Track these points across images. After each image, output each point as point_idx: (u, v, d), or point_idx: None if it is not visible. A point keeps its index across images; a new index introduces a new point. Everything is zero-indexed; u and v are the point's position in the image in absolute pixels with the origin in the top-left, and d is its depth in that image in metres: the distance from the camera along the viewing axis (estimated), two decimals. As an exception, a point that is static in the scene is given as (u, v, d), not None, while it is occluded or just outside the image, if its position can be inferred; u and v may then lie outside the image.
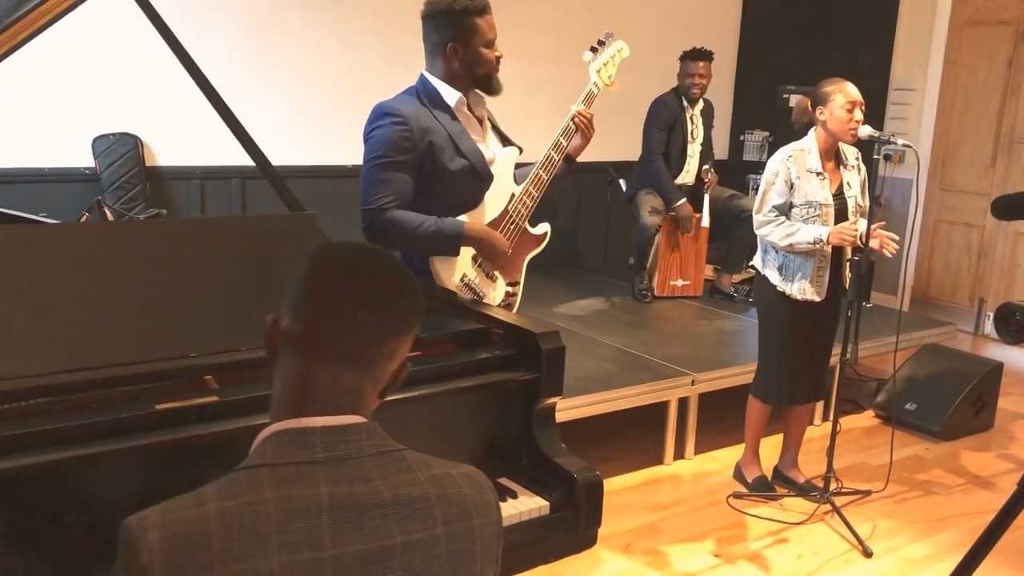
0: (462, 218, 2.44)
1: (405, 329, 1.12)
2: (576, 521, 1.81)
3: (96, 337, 1.61)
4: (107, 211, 2.60)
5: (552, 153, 2.56)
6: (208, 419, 1.52)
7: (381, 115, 2.40)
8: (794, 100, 3.50)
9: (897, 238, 3.27)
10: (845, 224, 3.25)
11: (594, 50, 2.70)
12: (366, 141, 2.43)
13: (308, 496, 1.02)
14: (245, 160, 2.35)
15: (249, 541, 0.98)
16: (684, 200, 5.16)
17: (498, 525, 1.15)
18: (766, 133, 6.31)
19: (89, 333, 1.61)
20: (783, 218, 3.29)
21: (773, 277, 3.37)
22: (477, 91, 2.52)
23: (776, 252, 3.36)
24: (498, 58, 2.48)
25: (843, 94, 3.22)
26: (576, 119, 2.59)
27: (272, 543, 0.98)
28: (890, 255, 3.29)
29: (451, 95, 2.45)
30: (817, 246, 3.23)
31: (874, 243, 3.24)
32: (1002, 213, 1.76)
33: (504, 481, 1.85)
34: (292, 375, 1.10)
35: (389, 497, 1.06)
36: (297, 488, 1.02)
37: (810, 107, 3.33)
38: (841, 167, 3.37)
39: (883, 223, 3.34)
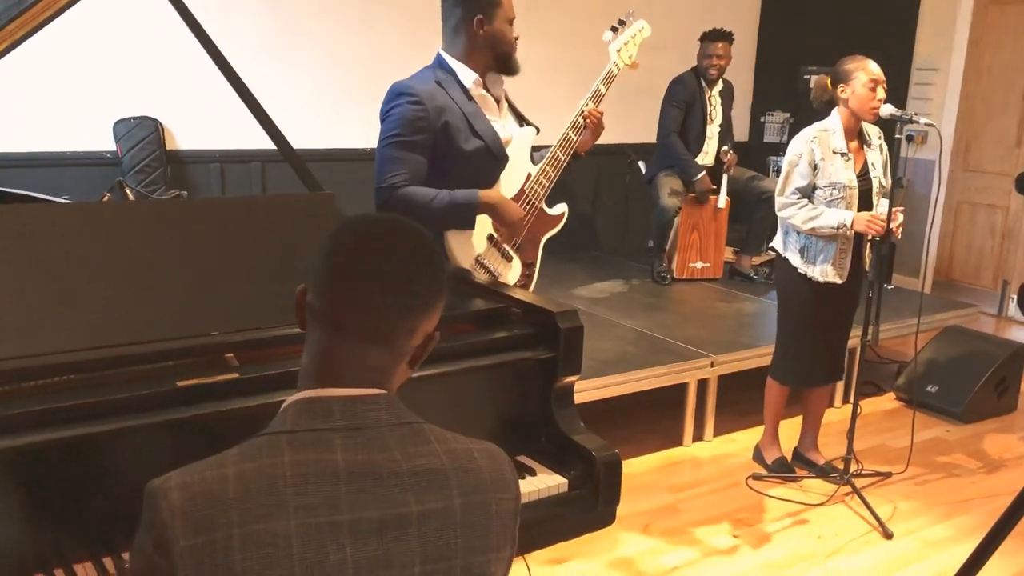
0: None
1: (426, 306, 1.12)
2: (595, 499, 1.81)
3: (118, 315, 1.62)
4: (128, 192, 2.62)
5: (570, 133, 2.56)
6: (229, 396, 1.54)
7: (397, 95, 2.41)
8: (814, 80, 3.45)
9: (901, 220, 3.22)
10: (872, 213, 3.21)
11: (614, 30, 2.69)
12: (382, 120, 2.44)
13: (325, 461, 1.03)
14: (265, 143, 2.36)
15: (267, 502, 0.99)
16: (703, 173, 5.13)
17: (516, 502, 1.15)
18: (787, 114, 6.26)
19: (112, 312, 1.62)
20: (806, 201, 3.27)
21: (794, 259, 3.35)
22: (494, 72, 2.52)
23: (798, 234, 3.34)
24: (515, 39, 2.48)
25: (865, 72, 3.18)
26: (586, 118, 2.59)
27: (289, 505, 1.00)
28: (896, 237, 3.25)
29: (467, 75, 2.45)
30: (840, 231, 3.20)
31: (893, 225, 3.21)
32: (1026, 188, 1.74)
33: (523, 459, 1.86)
34: (316, 347, 1.11)
35: (406, 467, 1.07)
36: (315, 453, 1.04)
37: (830, 85, 3.29)
38: (865, 147, 3.34)
39: (902, 208, 3.30)
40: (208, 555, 0.97)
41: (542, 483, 1.78)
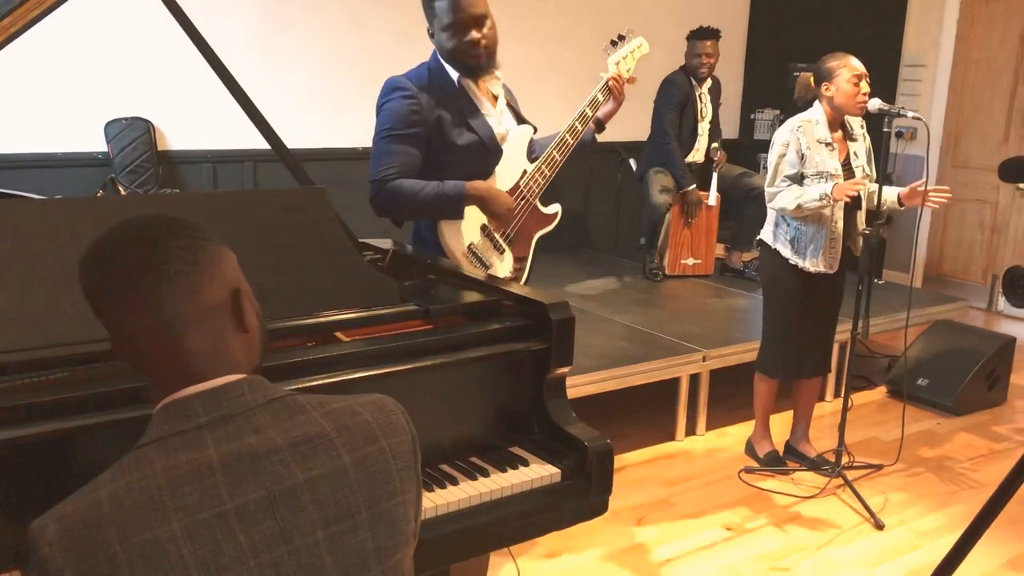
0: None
1: (192, 268, 1.10)
2: (587, 488, 1.82)
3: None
4: (121, 189, 2.62)
5: (567, 136, 2.59)
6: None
7: (392, 89, 2.44)
8: (797, 79, 3.49)
9: (947, 188, 3.27)
10: (848, 182, 3.24)
11: (614, 44, 2.75)
12: (377, 115, 2.47)
13: (197, 459, 1.03)
14: (257, 143, 2.37)
15: (144, 513, 0.99)
16: (694, 186, 5.16)
17: (412, 443, 1.17)
18: (777, 111, 6.29)
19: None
20: (793, 184, 3.29)
21: (784, 250, 3.38)
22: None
23: (788, 225, 3.36)
24: (473, 42, 2.40)
25: (847, 68, 3.21)
26: (610, 81, 2.62)
27: (168, 509, 0.99)
28: (942, 203, 3.28)
29: (454, 73, 2.48)
30: (824, 201, 3.21)
31: (930, 203, 3.23)
32: (1007, 175, 1.77)
33: (516, 450, 1.87)
34: (148, 361, 1.10)
35: (283, 441, 1.07)
36: (184, 454, 1.03)
37: (814, 84, 3.32)
38: (848, 138, 3.36)
39: (924, 180, 3.32)
40: None
41: (535, 473, 1.79)
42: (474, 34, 2.40)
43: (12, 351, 1.49)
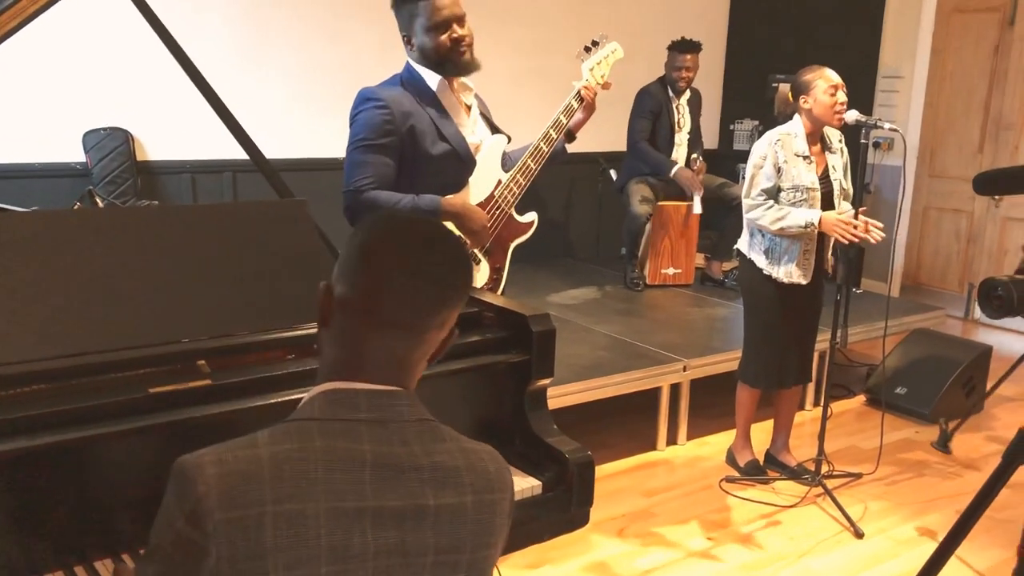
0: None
1: (457, 298, 1.16)
2: (568, 500, 1.83)
3: (90, 323, 1.62)
4: (99, 201, 2.60)
5: (542, 144, 2.59)
6: (201, 402, 1.54)
7: (364, 100, 2.45)
8: (776, 93, 3.51)
9: (881, 225, 3.27)
10: (843, 216, 3.24)
11: (588, 49, 2.75)
12: (350, 126, 2.48)
13: (353, 449, 1.07)
14: (236, 153, 2.36)
15: (299, 484, 1.03)
16: (679, 165, 5.17)
17: (512, 502, 1.20)
18: (756, 122, 6.34)
19: (83, 319, 1.62)
20: (772, 202, 3.31)
21: (759, 261, 3.39)
22: (462, 78, 2.55)
23: (763, 236, 3.38)
24: (457, 39, 2.43)
25: (824, 79, 3.24)
26: (583, 90, 2.61)
27: (320, 488, 1.03)
28: (874, 242, 3.28)
29: (433, 79, 2.49)
30: (808, 230, 3.25)
31: (871, 236, 3.26)
32: (982, 188, 1.79)
33: (497, 462, 1.87)
34: (345, 340, 1.14)
35: (426, 462, 1.11)
36: (343, 441, 1.07)
37: (791, 97, 3.35)
38: (826, 151, 3.39)
39: (865, 208, 3.35)
40: (242, 530, 1.00)
41: (516, 486, 1.77)
42: (459, 30, 2.44)
43: (15, 363, 1.48)
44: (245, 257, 1.81)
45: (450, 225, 2.47)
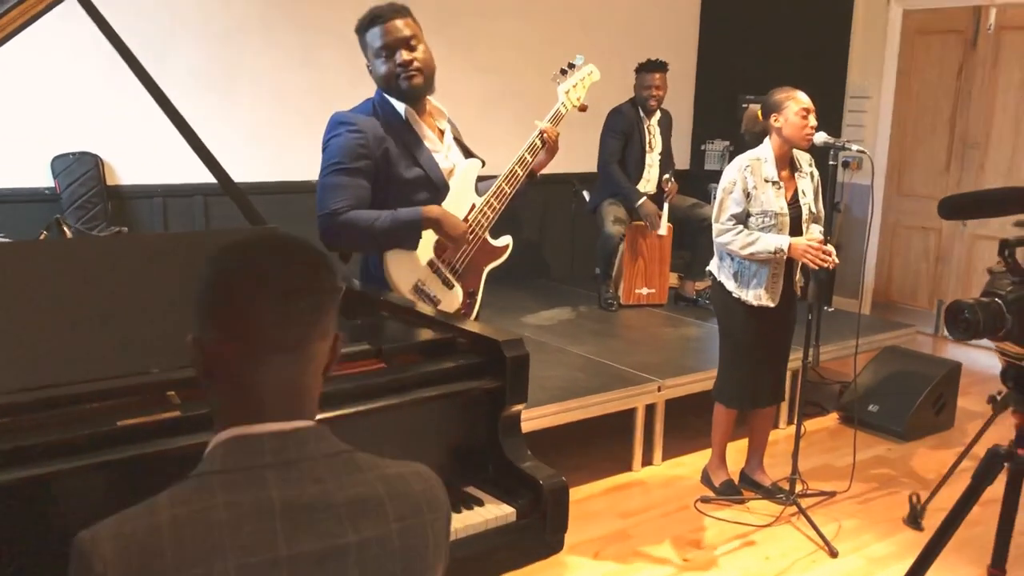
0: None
1: (330, 301, 1.11)
2: (542, 527, 1.82)
3: (57, 355, 1.60)
4: (67, 229, 2.58)
5: (517, 168, 2.59)
6: (171, 434, 1.52)
7: (337, 124, 2.45)
8: (745, 112, 3.55)
9: (831, 250, 3.29)
10: (811, 242, 3.28)
11: (564, 72, 2.76)
12: (323, 151, 2.47)
13: (259, 499, 1.02)
14: (207, 177, 2.35)
15: (203, 546, 0.98)
16: (645, 198, 5.21)
17: (448, 519, 1.17)
18: (727, 142, 6.39)
19: (50, 351, 1.60)
20: (741, 227, 3.34)
21: (729, 284, 3.42)
22: (435, 102, 2.56)
23: (732, 259, 3.41)
24: (402, 64, 2.43)
25: (795, 101, 3.29)
26: (544, 135, 2.61)
27: (226, 546, 0.99)
28: (828, 268, 3.31)
29: (400, 105, 2.50)
30: (778, 255, 3.28)
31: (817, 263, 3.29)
32: (948, 213, 1.82)
33: (470, 489, 1.86)
34: (234, 384, 1.09)
35: (341, 498, 1.06)
36: (248, 492, 1.02)
37: (761, 117, 3.39)
38: (796, 174, 3.43)
39: (832, 237, 3.39)
40: None
41: (489, 513, 1.78)
42: (404, 55, 2.43)
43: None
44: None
45: (426, 243, 2.48)
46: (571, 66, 2.76)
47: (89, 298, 1.68)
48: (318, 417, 1.62)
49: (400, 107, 2.49)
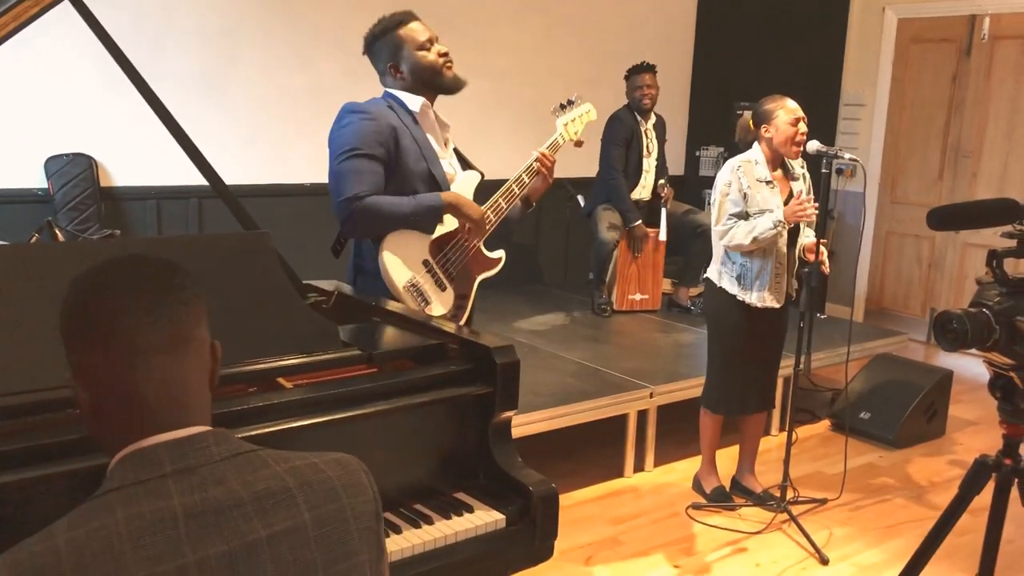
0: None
1: (189, 292, 1.11)
2: (532, 534, 1.82)
3: (47, 357, 1.59)
4: (58, 232, 2.57)
5: (514, 186, 2.64)
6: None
7: (349, 112, 2.48)
8: (737, 122, 3.56)
9: (810, 199, 3.31)
10: (794, 202, 3.29)
11: (563, 107, 2.82)
12: (333, 140, 2.48)
13: (160, 508, 1.01)
14: (201, 180, 2.35)
15: (103, 563, 0.96)
16: (639, 222, 5.24)
17: (374, 503, 1.15)
18: (721, 148, 6.41)
19: (40, 354, 1.59)
20: (741, 221, 3.34)
21: (731, 287, 3.42)
22: (441, 116, 2.58)
23: (734, 263, 3.41)
24: (443, 55, 2.53)
25: (785, 110, 3.30)
26: (539, 160, 2.65)
27: (128, 560, 0.97)
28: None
29: (414, 101, 2.53)
30: (778, 228, 3.26)
31: (812, 256, 3.32)
32: (936, 224, 1.83)
33: (461, 496, 1.86)
34: (121, 402, 1.07)
35: (247, 495, 1.05)
36: (148, 504, 1.01)
37: (752, 126, 3.40)
38: (789, 177, 3.44)
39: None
40: None
41: (479, 520, 1.78)
42: (442, 47, 2.53)
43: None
44: (206, 289, 1.80)
45: (417, 244, 2.49)
46: (570, 103, 2.83)
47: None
48: (311, 420, 1.66)
49: (415, 103, 2.52)
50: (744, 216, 3.34)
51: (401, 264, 2.47)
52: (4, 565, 0.95)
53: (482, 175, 2.68)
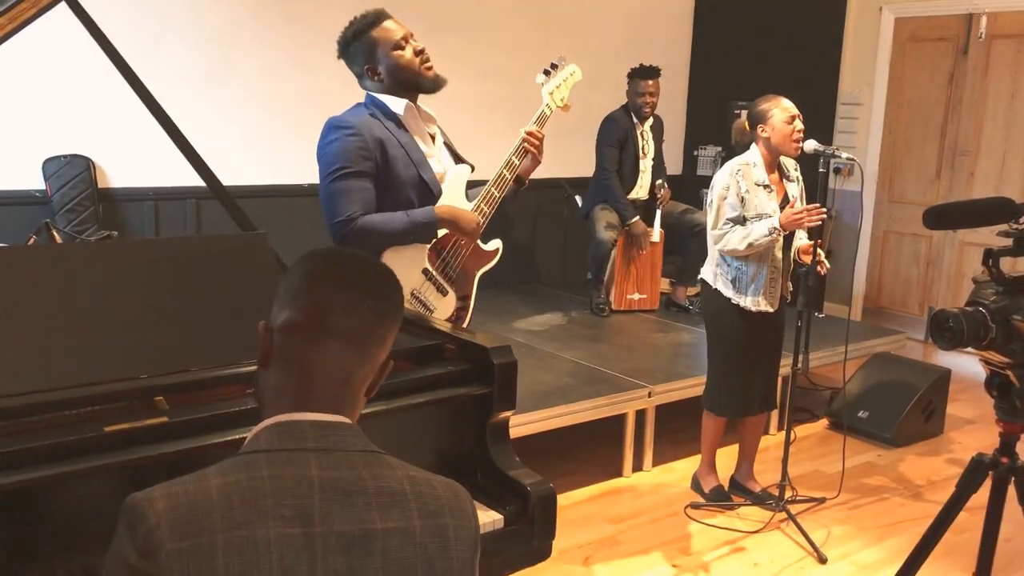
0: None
1: (395, 314, 1.23)
2: (530, 534, 1.82)
3: (45, 359, 1.60)
4: (55, 234, 2.57)
5: (504, 172, 2.60)
6: (158, 440, 1.52)
7: (333, 128, 2.44)
8: (733, 124, 3.57)
9: (817, 206, 3.28)
10: (789, 209, 3.28)
11: (547, 73, 2.75)
12: (321, 157, 2.46)
13: (301, 476, 1.09)
14: (199, 180, 2.35)
15: (248, 510, 1.05)
16: (637, 218, 5.23)
17: (474, 531, 1.20)
18: (719, 148, 6.42)
19: (38, 355, 1.60)
20: (737, 226, 3.34)
21: (726, 291, 3.42)
22: (424, 108, 2.56)
23: (729, 266, 3.41)
24: (418, 52, 2.49)
25: (780, 109, 3.30)
26: (526, 140, 2.61)
27: (269, 514, 1.05)
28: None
29: (397, 104, 2.50)
30: (773, 235, 3.26)
31: (807, 257, 3.33)
32: (932, 223, 1.83)
33: (458, 496, 1.86)
34: (291, 366, 1.17)
35: (372, 487, 1.13)
36: (291, 469, 1.10)
37: (748, 127, 3.40)
38: (784, 179, 3.44)
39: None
40: (193, 559, 1.02)
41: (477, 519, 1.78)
42: (418, 45, 2.49)
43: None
44: (204, 292, 1.80)
45: (418, 254, 2.48)
46: (553, 66, 2.76)
47: (77, 303, 1.68)
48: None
49: (399, 105, 2.49)
50: (741, 220, 3.34)
51: (401, 277, 2.45)
52: (160, 497, 1.05)
53: (472, 167, 2.66)
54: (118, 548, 1.05)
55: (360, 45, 2.48)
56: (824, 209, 3.25)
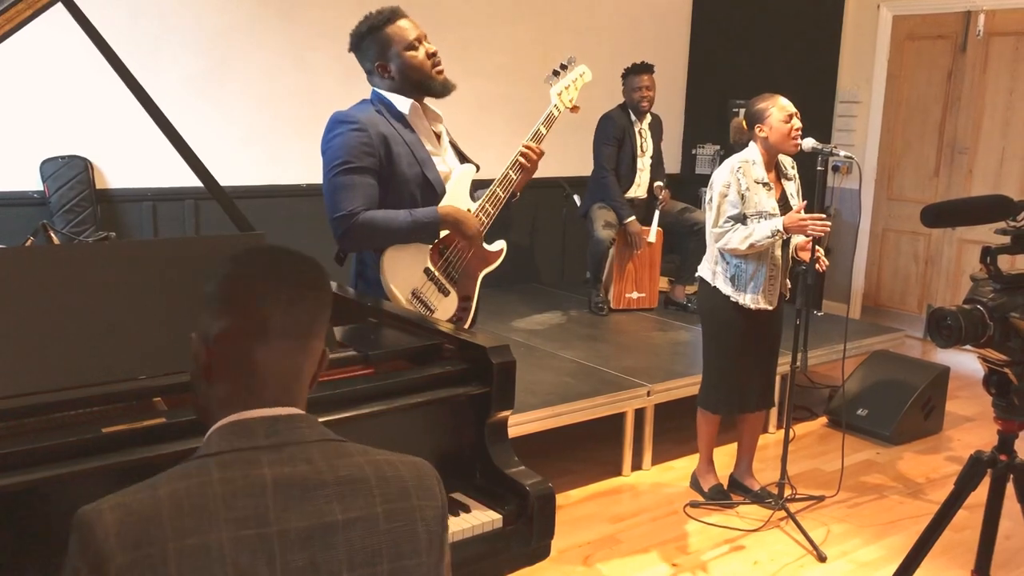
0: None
1: (327, 300, 1.22)
2: (529, 533, 1.82)
3: (43, 360, 1.60)
4: (53, 235, 2.57)
5: (510, 172, 2.59)
6: (157, 441, 1.52)
7: (338, 123, 2.43)
8: (731, 124, 3.56)
9: (822, 216, 3.28)
10: (795, 214, 3.26)
11: (556, 73, 2.74)
12: (325, 152, 2.45)
13: (252, 476, 1.08)
14: (197, 181, 2.35)
15: (199, 517, 1.04)
16: (633, 217, 5.23)
17: (441, 510, 1.20)
18: (717, 146, 6.42)
19: (36, 356, 1.59)
20: (739, 225, 3.34)
21: (725, 288, 3.42)
22: (431, 106, 2.55)
23: (728, 263, 3.41)
24: (431, 55, 2.48)
25: (777, 107, 3.30)
26: (523, 155, 2.60)
27: (220, 518, 1.04)
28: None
29: (403, 103, 2.49)
30: (775, 237, 3.26)
31: (805, 255, 3.33)
32: (930, 221, 1.84)
33: (457, 496, 1.86)
34: (234, 371, 1.16)
35: (330, 477, 1.12)
36: (241, 470, 1.08)
37: (746, 127, 3.39)
38: (782, 177, 3.44)
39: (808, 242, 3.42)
40: (146, 570, 1.01)
41: (476, 520, 1.78)
42: (430, 46, 2.49)
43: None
44: (201, 292, 1.80)
45: (419, 253, 2.48)
46: (563, 67, 2.74)
47: (75, 305, 1.68)
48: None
49: (404, 104, 2.48)
50: (741, 218, 3.34)
51: (402, 275, 2.46)
52: (108, 509, 1.03)
53: (477, 167, 2.66)
54: (71, 563, 1.05)
55: (373, 41, 2.47)
56: (828, 223, 3.24)
